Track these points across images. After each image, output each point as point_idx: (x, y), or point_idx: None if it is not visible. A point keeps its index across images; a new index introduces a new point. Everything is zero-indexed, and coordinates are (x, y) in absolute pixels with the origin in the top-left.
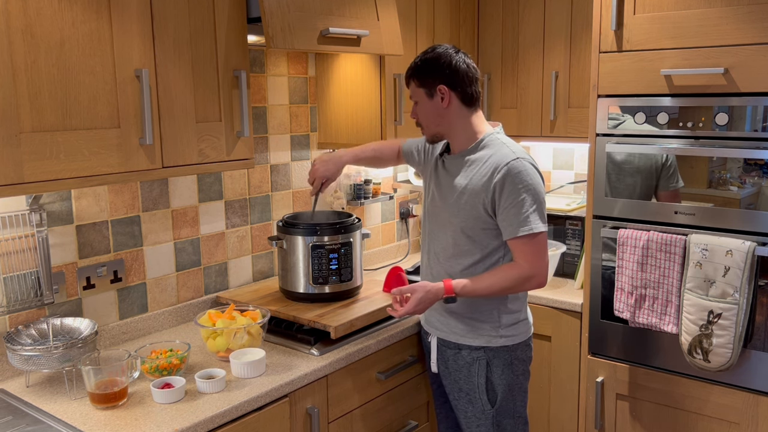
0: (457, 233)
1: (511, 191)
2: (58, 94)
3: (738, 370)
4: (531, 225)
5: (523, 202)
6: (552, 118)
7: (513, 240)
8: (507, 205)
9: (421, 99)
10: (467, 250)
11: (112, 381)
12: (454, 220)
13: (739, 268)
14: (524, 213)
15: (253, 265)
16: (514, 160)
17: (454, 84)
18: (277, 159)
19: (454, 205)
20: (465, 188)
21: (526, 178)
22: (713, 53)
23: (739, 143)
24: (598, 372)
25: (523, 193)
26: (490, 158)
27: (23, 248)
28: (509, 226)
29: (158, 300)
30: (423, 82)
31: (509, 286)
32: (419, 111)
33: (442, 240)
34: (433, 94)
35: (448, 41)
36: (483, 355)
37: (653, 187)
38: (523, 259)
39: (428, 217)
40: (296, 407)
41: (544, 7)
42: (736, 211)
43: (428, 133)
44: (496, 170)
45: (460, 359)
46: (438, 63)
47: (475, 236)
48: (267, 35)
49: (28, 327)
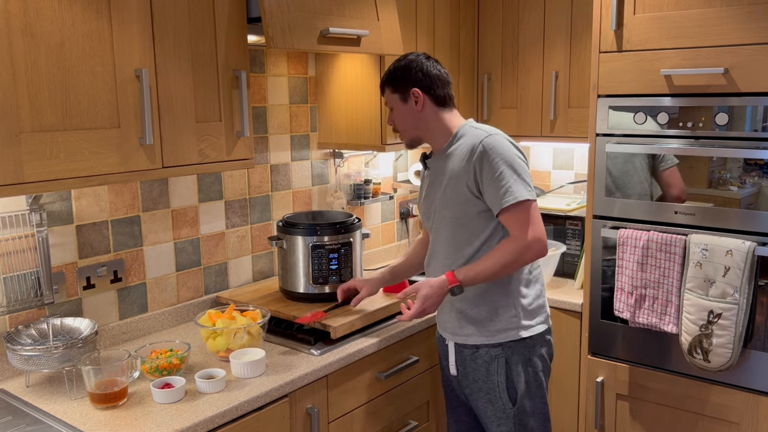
0: (453, 225)
1: (489, 166)
2: (58, 94)
3: (738, 370)
4: (515, 194)
5: (503, 174)
6: (552, 118)
7: (502, 213)
8: (488, 180)
9: (395, 104)
10: (466, 240)
11: (112, 381)
12: (447, 213)
13: (739, 268)
14: (506, 184)
15: (253, 265)
16: (487, 137)
17: (426, 87)
18: (277, 159)
19: (442, 198)
20: (448, 179)
21: (501, 150)
22: (713, 53)
23: (739, 143)
24: (598, 372)
25: (501, 165)
26: (465, 143)
27: (23, 248)
28: (495, 201)
29: (158, 300)
30: (396, 88)
31: (510, 260)
32: (395, 116)
33: (440, 239)
34: (407, 98)
35: (448, 41)
36: (501, 352)
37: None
38: (516, 230)
39: (425, 223)
40: (296, 407)
41: (544, 7)
42: (736, 211)
43: (406, 137)
44: (472, 151)
45: (478, 358)
46: (410, 68)
47: (470, 222)
48: (267, 35)
49: (28, 327)
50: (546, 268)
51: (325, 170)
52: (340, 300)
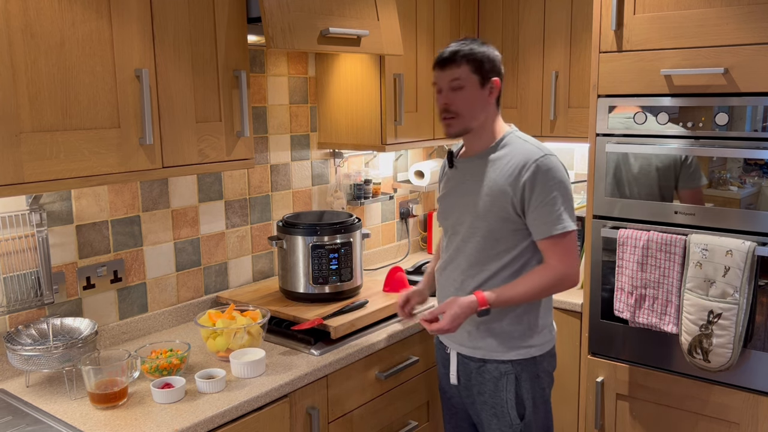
0: (484, 238)
1: (542, 189)
2: (58, 94)
3: (738, 370)
4: (564, 223)
5: (555, 200)
6: (552, 118)
7: (545, 240)
8: (538, 204)
9: (470, 84)
10: (494, 255)
11: (112, 381)
12: (480, 224)
13: (739, 268)
14: (556, 211)
15: (253, 265)
16: (542, 157)
17: (501, 82)
18: (277, 159)
19: (477, 208)
20: (490, 189)
21: (557, 175)
22: (713, 53)
23: (739, 143)
24: (598, 372)
25: (554, 190)
26: (513, 156)
27: (23, 248)
28: (541, 225)
29: (158, 300)
30: (479, 69)
31: (544, 289)
32: (463, 97)
33: (465, 247)
34: (485, 84)
35: (448, 41)
36: (511, 369)
37: (672, 188)
38: (556, 259)
39: (442, 221)
40: (296, 407)
41: (544, 7)
42: (736, 211)
43: (461, 125)
44: (524, 168)
45: (486, 373)
46: (496, 57)
47: (503, 239)
48: (267, 35)
49: (28, 327)
50: None
51: (325, 170)
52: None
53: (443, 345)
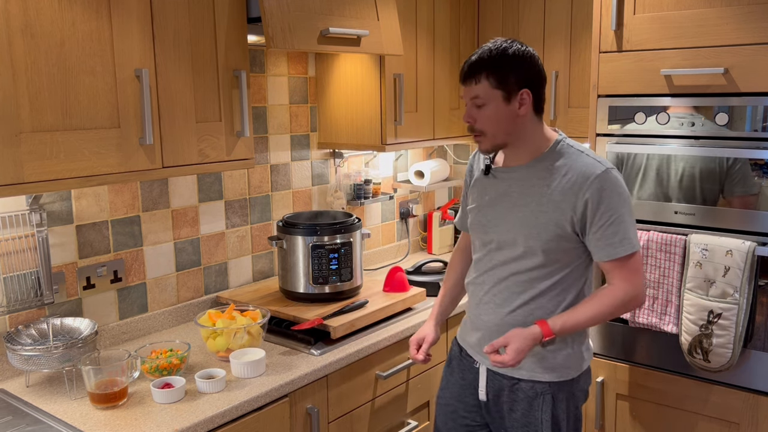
0: (537, 256)
1: (606, 208)
2: (58, 94)
3: (738, 370)
4: (632, 243)
5: (622, 218)
6: (552, 118)
7: (610, 262)
8: (603, 224)
9: (494, 101)
10: (546, 273)
11: (112, 381)
12: (534, 242)
13: (739, 268)
14: (622, 231)
15: (253, 265)
16: (605, 171)
17: (537, 90)
18: (277, 159)
19: (533, 224)
20: (547, 205)
21: (621, 191)
22: (713, 53)
23: (739, 143)
24: (598, 372)
25: (620, 208)
26: (571, 169)
27: (23, 248)
28: (606, 247)
29: (158, 300)
30: (503, 82)
31: (611, 313)
32: (487, 115)
33: (513, 264)
34: (511, 98)
35: (448, 41)
36: (548, 389)
37: (718, 192)
38: (623, 280)
39: (484, 243)
40: (296, 407)
41: (544, 7)
42: (736, 211)
43: (491, 143)
44: (585, 183)
45: (519, 391)
46: (528, 63)
47: (558, 258)
48: (267, 35)
49: (28, 327)
50: None
51: (325, 170)
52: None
53: (470, 358)
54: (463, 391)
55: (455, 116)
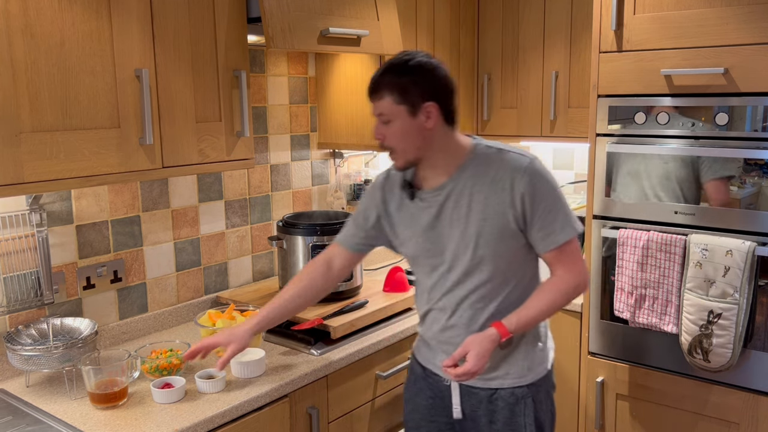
0: (493, 264)
1: (542, 197)
2: (58, 94)
3: (738, 370)
4: (573, 226)
5: (556, 204)
6: (552, 118)
7: (551, 252)
8: (542, 213)
9: (399, 117)
10: (504, 279)
11: (112, 381)
12: (484, 251)
13: (739, 268)
14: (560, 218)
15: (253, 265)
16: (530, 163)
17: (443, 101)
18: (277, 159)
19: (479, 235)
20: (485, 212)
21: (551, 179)
22: (713, 53)
23: (739, 143)
24: (598, 372)
25: (553, 193)
26: (497, 169)
27: (23, 248)
28: (549, 236)
29: (158, 300)
30: (405, 98)
31: (560, 303)
32: (393, 132)
33: (469, 280)
34: (417, 112)
35: (448, 41)
36: (528, 392)
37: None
38: (566, 269)
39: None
40: (296, 407)
41: (544, 7)
42: (736, 211)
43: (403, 159)
44: (516, 178)
45: (499, 400)
46: (430, 74)
47: (511, 260)
48: (267, 35)
49: (28, 327)
50: (546, 268)
51: (325, 170)
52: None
53: (437, 377)
54: (434, 411)
55: None
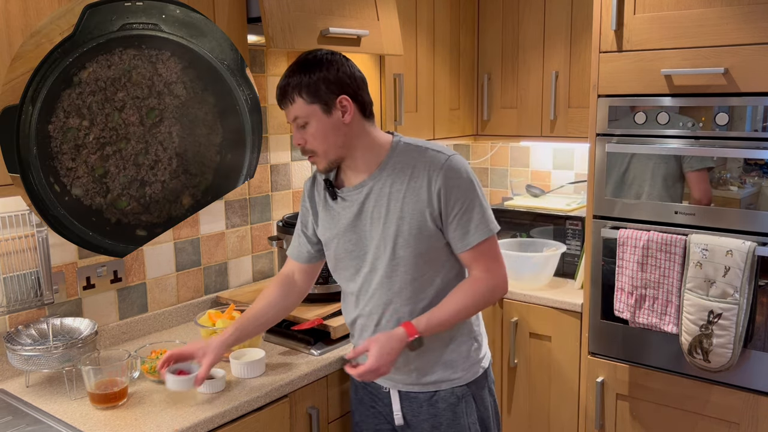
0: (414, 264)
1: (458, 196)
2: None
3: (738, 370)
4: (489, 227)
5: (473, 204)
6: (552, 118)
7: (468, 251)
8: (458, 212)
9: (314, 117)
10: (428, 280)
11: (112, 381)
12: (404, 251)
13: (740, 268)
14: (476, 216)
15: (253, 265)
16: (448, 160)
17: (354, 93)
18: (277, 159)
19: (398, 234)
20: (403, 210)
21: (467, 176)
22: (713, 53)
23: (739, 143)
24: (598, 372)
25: (469, 194)
26: (415, 167)
27: (23, 248)
28: (464, 236)
29: (158, 300)
30: (315, 96)
31: (475, 305)
32: (312, 133)
33: (392, 283)
34: (331, 108)
35: (448, 41)
36: (467, 390)
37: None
38: (483, 269)
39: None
40: (296, 407)
41: (544, 7)
42: (736, 211)
43: (326, 159)
44: (433, 176)
45: (440, 402)
46: (334, 67)
47: (433, 259)
48: (267, 35)
49: (28, 327)
50: (546, 269)
51: None
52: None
53: (375, 385)
54: (377, 419)
55: (455, 116)
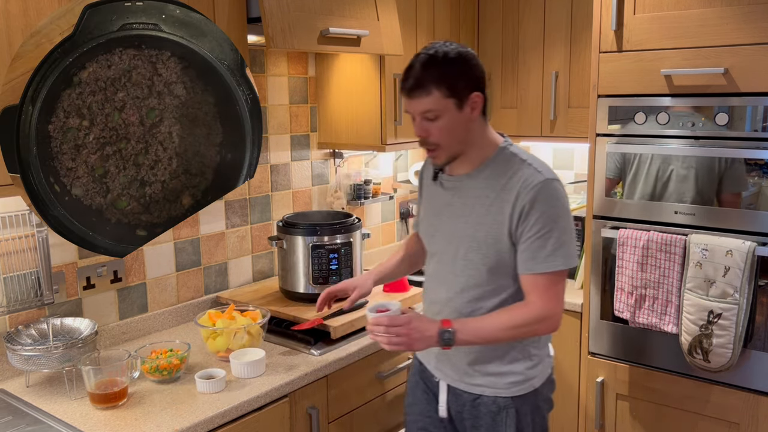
0: (479, 273)
1: (537, 219)
2: None
3: (738, 370)
4: (556, 261)
5: (550, 234)
6: (552, 118)
7: (529, 275)
8: (533, 235)
9: (446, 112)
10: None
11: (112, 381)
12: (475, 256)
13: (739, 268)
14: (549, 247)
15: (253, 265)
16: (543, 182)
17: (484, 90)
18: (277, 159)
19: (473, 239)
20: (484, 217)
21: (558, 205)
22: (713, 53)
23: (739, 143)
24: (598, 372)
25: (552, 223)
26: (511, 179)
27: (23, 248)
28: (529, 260)
29: (158, 300)
30: (455, 91)
31: (519, 328)
32: (440, 127)
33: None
34: (463, 105)
35: None
36: (511, 403)
37: (715, 191)
38: (537, 297)
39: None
40: (296, 407)
41: (544, 7)
42: (736, 211)
43: (447, 154)
44: (522, 193)
45: (482, 406)
46: (472, 63)
47: (502, 273)
48: (267, 35)
49: (28, 327)
50: None
51: (325, 170)
52: (321, 309)
53: (429, 373)
54: (429, 406)
55: None
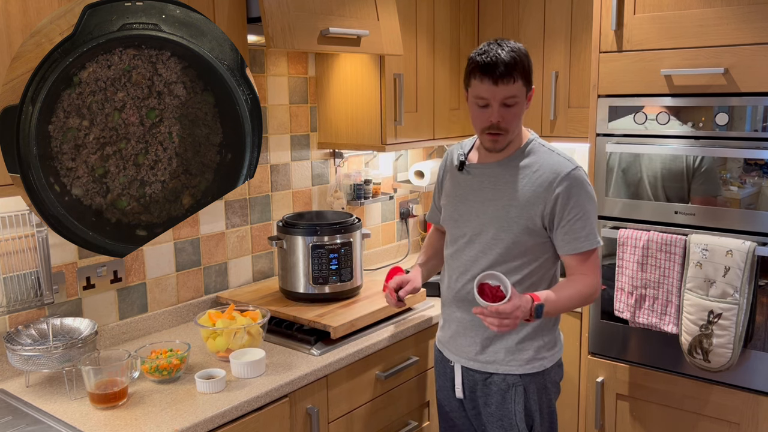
0: (508, 249)
1: (575, 204)
2: None
3: (738, 370)
4: (597, 238)
5: (588, 215)
6: (552, 118)
7: (576, 255)
8: (572, 218)
9: (521, 100)
10: (516, 267)
11: (112, 381)
12: (505, 235)
13: (739, 268)
14: (585, 227)
15: (253, 265)
16: (574, 170)
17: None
18: (277, 159)
19: (505, 219)
20: (518, 200)
21: (589, 189)
22: (713, 53)
23: (739, 143)
24: (598, 372)
25: (587, 205)
26: (542, 166)
27: (23, 248)
28: (572, 241)
29: (158, 300)
30: (529, 82)
31: (582, 298)
32: (514, 113)
33: (484, 258)
34: (528, 95)
35: (448, 41)
36: (519, 381)
37: (686, 190)
38: (589, 270)
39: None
40: (296, 407)
41: (544, 7)
42: (736, 211)
43: (508, 139)
44: (556, 180)
45: (492, 384)
46: (529, 60)
47: (527, 251)
48: (267, 35)
49: (28, 327)
50: None
51: (325, 170)
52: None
53: (446, 359)
54: (450, 392)
55: (455, 116)
